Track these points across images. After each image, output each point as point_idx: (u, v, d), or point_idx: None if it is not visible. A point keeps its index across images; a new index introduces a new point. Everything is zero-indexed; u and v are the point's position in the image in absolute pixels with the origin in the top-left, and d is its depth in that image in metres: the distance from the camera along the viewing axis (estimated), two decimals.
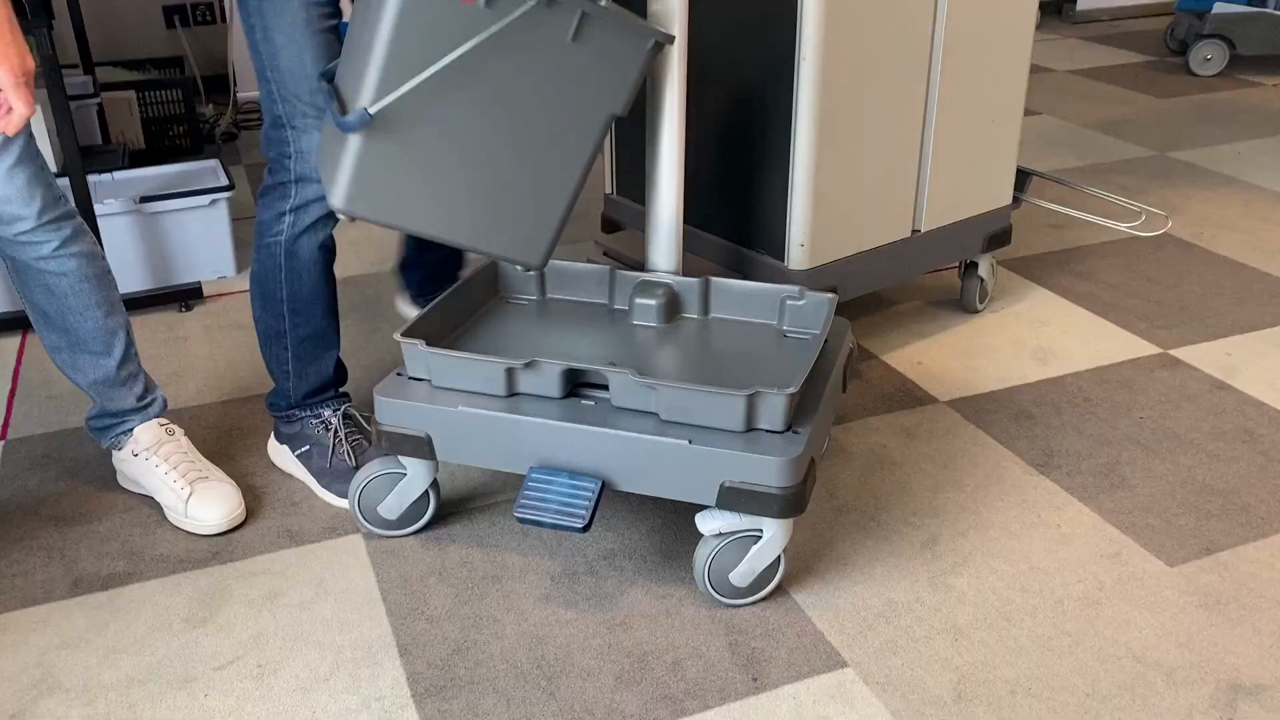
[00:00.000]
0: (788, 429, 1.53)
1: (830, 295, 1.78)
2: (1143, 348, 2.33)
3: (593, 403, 1.60)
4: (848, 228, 2.08)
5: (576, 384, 1.62)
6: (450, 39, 1.46)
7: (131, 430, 1.83)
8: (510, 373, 1.60)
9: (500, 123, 1.55)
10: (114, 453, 1.87)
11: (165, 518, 1.81)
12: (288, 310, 1.80)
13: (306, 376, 1.86)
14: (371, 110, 1.45)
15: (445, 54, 1.45)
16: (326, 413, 1.89)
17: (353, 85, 1.49)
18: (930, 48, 2.07)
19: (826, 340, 1.75)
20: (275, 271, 1.78)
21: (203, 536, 1.78)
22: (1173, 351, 2.31)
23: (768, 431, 1.52)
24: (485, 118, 1.54)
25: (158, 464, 1.81)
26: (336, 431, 1.88)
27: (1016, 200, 2.43)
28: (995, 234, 2.38)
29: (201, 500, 1.78)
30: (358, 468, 1.81)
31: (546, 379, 1.59)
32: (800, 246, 2.01)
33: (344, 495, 1.83)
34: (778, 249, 2.04)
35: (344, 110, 1.50)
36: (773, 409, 1.51)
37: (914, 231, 2.22)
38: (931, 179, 2.18)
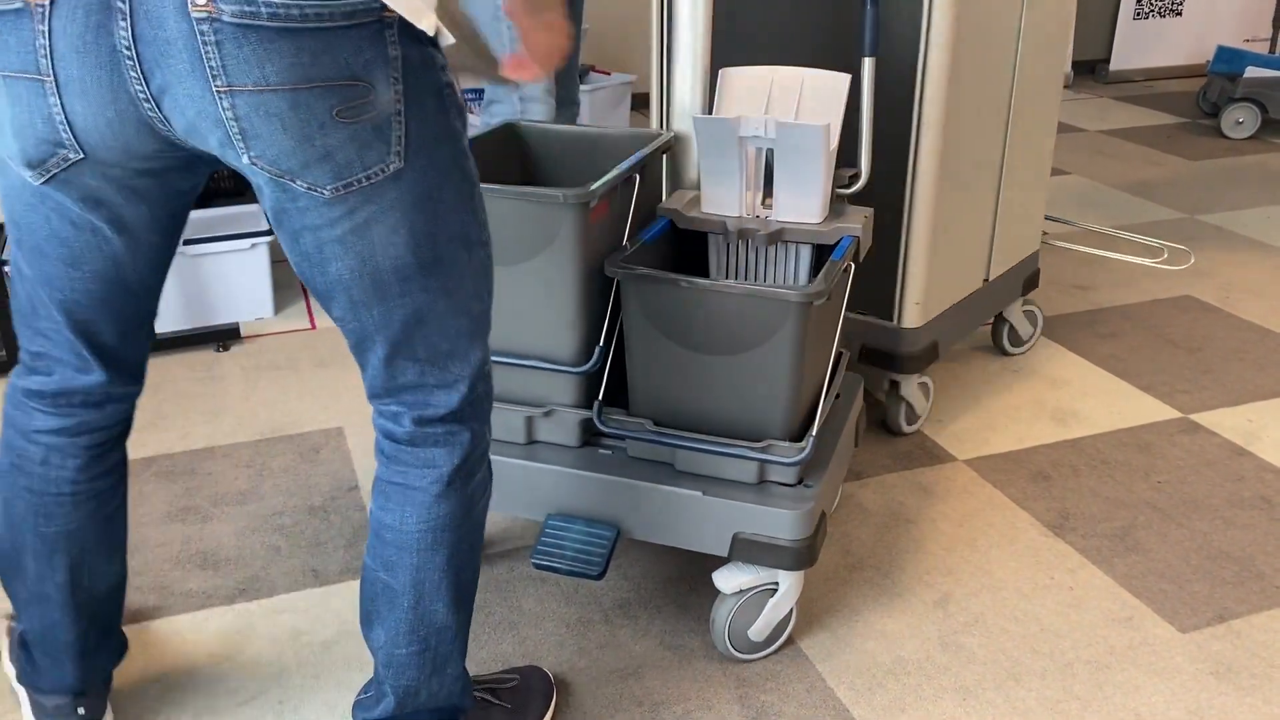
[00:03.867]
0: (799, 482, 1.56)
1: (842, 351, 1.81)
2: (1163, 411, 2.33)
3: (609, 452, 1.63)
4: (945, 282, 2.14)
5: (594, 433, 1.66)
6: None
7: None
8: (530, 420, 1.64)
9: None
10: None
11: (194, 553, 1.86)
12: None
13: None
14: (809, 449, 1.53)
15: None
16: None
17: (739, 409, 1.55)
18: (1008, 105, 2.16)
19: (839, 396, 1.78)
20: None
21: (231, 573, 1.83)
22: (1193, 416, 2.31)
23: (779, 484, 1.55)
24: None
25: None
26: None
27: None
28: (1029, 277, 2.48)
29: None
30: None
31: (565, 428, 1.63)
32: (915, 305, 2.06)
33: None
34: (886, 309, 2.08)
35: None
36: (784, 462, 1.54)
37: (985, 280, 2.28)
38: (1000, 228, 2.26)
